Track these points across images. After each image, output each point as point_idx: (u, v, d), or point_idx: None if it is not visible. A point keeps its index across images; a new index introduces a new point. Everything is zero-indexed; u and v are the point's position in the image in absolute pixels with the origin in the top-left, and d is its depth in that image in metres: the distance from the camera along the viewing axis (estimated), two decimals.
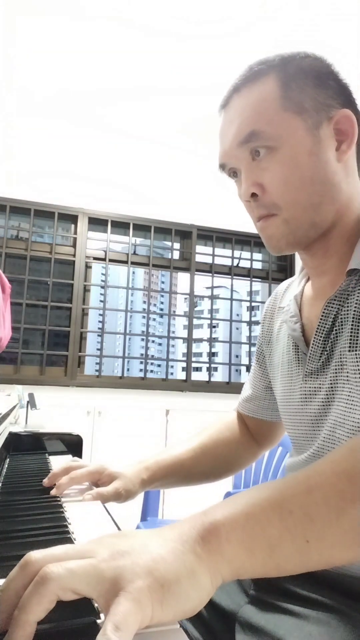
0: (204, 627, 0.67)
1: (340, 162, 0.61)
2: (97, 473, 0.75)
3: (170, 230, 3.57)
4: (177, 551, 0.34)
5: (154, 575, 0.32)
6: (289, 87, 0.60)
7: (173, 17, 2.04)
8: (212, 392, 3.44)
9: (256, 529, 0.36)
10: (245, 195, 0.63)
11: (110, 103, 2.64)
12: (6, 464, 1.00)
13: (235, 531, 0.36)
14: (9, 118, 2.78)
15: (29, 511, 0.65)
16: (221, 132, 0.65)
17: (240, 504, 0.38)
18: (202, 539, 0.35)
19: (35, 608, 0.30)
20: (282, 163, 0.60)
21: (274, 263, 3.86)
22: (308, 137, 0.59)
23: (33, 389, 2.63)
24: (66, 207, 3.29)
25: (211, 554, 0.34)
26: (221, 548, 0.35)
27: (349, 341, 0.58)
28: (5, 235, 3.19)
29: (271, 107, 0.59)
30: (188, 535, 0.35)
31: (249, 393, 0.88)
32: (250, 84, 0.62)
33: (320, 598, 0.55)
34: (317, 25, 2.03)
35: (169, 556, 0.33)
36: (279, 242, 0.63)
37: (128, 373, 3.46)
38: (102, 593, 0.31)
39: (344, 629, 0.50)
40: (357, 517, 0.36)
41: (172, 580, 0.32)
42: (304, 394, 0.66)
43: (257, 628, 0.57)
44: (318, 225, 0.62)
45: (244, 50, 2.08)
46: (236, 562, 0.35)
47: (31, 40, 2.21)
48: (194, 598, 0.33)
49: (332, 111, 0.60)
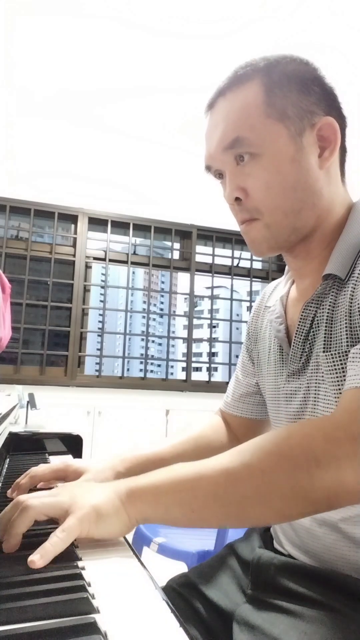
0: (202, 626, 0.67)
1: (322, 169, 0.62)
2: (61, 471, 0.74)
3: (170, 230, 3.58)
4: (111, 497, 0.53)
5: (93, 507, 0.51)
6: (273, 93, 0.60)
7: (173, 17, 2.04)
8: (212, 392, 3.45)
9: (158, 496, 0.53)
10: (229, 199, 0.64)
11: (110, 103, 2.64)
12: (6, 464, 1.00)
13: (146, 495, 0.53)
14: (9, 118, 2.78)
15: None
16: (207, 135, 0.66)
17: (156, 477, 0.54)
18: (126, 495, 0.53)
19: (21, 523, 0.50)
20: (264, 169, 0.61)
21: (274, 263, 3.87)
22: (290, 144, 0.60)
23: (33, 389, 2.64)
24: (66, 207, 3.30)
25: (130, 503, 0.53)
26: (136, 502, 0.53)
27: (324, 342, 0.60)
28: (5, 235, 3.20)
29: (255, 114, 0.60)
30: (119, 490, 0.53)
31: (238, 390, 0.88)
32: (235, 88, 0.62)
33: (316, 596, 0.56)
34: (317, 25, 2.03)
35: (104, 498, 0.52)
36: (260, 245, 0.65)
37: (128, 373, 3.47)
38: (61, 515, 0.51)
39: (340, 627, 0.50)
40: (228, 501, 0.51)
41: (104, 512, 0.51)
42: (287, 394, 0.68)
43: (254, 627, 0.57)
44: (299, 230, 0.63)
45: (244, 50, 2.08)
46: (144, 512, 0.53)
47: (31, 40, 2.21)
48: (116, 525, 0.52)
49: (315, 118, 0.61)
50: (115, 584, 0.44)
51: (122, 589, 0.43)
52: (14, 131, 2.89)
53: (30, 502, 0.51)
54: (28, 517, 0.50)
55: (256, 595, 0.63)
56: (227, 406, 0.90)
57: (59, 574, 0.43)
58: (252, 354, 0.84)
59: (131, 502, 0.52)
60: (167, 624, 0.37)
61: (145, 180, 3.30)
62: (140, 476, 0.55)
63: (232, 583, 0.70)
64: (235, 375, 0.90)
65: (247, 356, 0.86)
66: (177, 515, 0.53)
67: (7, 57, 2.34)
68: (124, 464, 0.75)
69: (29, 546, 0.48)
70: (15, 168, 3.14)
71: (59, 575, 0.43)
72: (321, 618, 0.52)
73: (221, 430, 0.88)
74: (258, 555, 0.67)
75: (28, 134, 2.90)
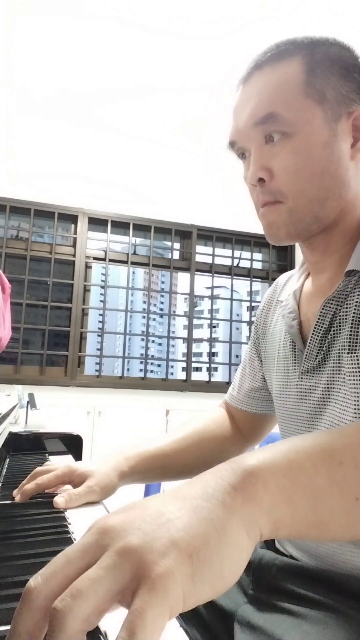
0: (203, 627, 0.67)
1: (354, 159, 0.60)
2: (66, 476, 0.71)
3: (170, 230, 3.57)
4: (202, 509, 0.28)
5: (177, 546, 0.26)
6: (314, 73, 0.58)
7: (173, 17, 2.04)
8: (212, 392, 3.44)
9: (300, 476, 0.31)
10: (252, 179, 0.61)
11: (110, 103, 2.64)
12: (6, 464, 1.00)
13: (275, 477, 0.31)
14: (9, 118, 2.78)
15: (29, 511, 0.65)
16: (236, 109, 0.62)
17: (281, 450, 0.33)
18: (233, 488, 0.29)
19: (68, 630, 0.24)
20: (294, 151, 0.58)
21: (274, 263, 3.86)
22: (325, 128, 0.58)
23: (33, 389, 2.63)
24: (66, 207, 3.30)
25: (245, 502, 0.29)
26: (258, 495, 0.29)
27: (348, 343, 0.57)
28: (5, 235, 3.20)
29: (293, 91, 0.57)
30: (214, 488, 0.30)
31: (245, 385, 0.86)
32: (275, 62, 0.59)
33: (318, 597, 0.55)
34: (317, 25, 2.03)
35: (191, 518, 0.27)
36: (279, 230, 0.61)
37: (128, 373, 3.46)
38: (126, 591, 0.25)
39: (342, 628, 0.50)
40: None
41: (200, 545, 0.26)
42: (300, 392, 0.66)
43: (255, 627, 0.57)
44: (321, 220, 0.60)
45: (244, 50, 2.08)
46: (275, 512, 0.30)
47: (31, 40, 2.21)
48: (230, 560, 0.27)
49: (352, 106, 0.59)
50: None
51: None
52: (14, 131, 2.89)
53: (59, 607, 0.24)
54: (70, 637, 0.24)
55: (258, 595, 0.63)
56: (233, 399, 0.88)
57: None
58: (260, 348, 0.82)
59: (247, 499, 0.30)
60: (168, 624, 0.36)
61: (145, 180, 3.30)
62: (242, 455, 0.34)
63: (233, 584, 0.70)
64: (242, 368, 0.88)
65: (254, 350, 0.84)
66: (334, 507, 0.32)
67: (7, 57, 2.34)
68: (128, 462, 0.73)
69: None
70: (15, 168, 3.14)
71: None
72: (323, 619, 0.52)
73: (224, 423, 0.87)
74: (260, 555, 0.67)
75: (28, 134, 2.90)
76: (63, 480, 0.71)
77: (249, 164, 0.62)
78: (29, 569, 0.44)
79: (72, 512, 0.66)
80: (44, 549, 0.50)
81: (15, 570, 0.44)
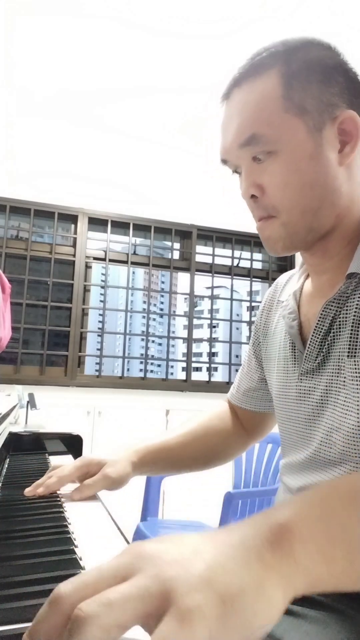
0: None
1: (343, 165, 0.59)
2: (85, 466, 0.74)
3: (170, 230, 3.57)
4: (240, 558, 0.28)
5: (213, 587, 0.25)
6: (291, 85, 0.57)
7: (173, 17, 2.04)
8: (212, 392, 3.44)
9: (333, 525, 0.31)
10: (245, 196, 0.63)
11: (110, 103, 2.64)
12: (6, 464, 1.00)
13: (310, 530, 0.30)
14: (9, 118, 2.78)
15: (29, 511, 0.65)
16: (222, 126, 0.63)
17: (311, 497, 0.33)
18: (270, 544, 0.29)
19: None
20: (282, 166, 0.58)
21: (274, 263, 3.86)
22: (309, 140, 0.58)
23: (33, 389, 2.63)
24: (66, 207, 3.30)
25: (283, 560, 0.28)
26: (294, 553, 0.29)
27: (348, 346, 0.57)
28: (5, 235, 3.20)
29: (272, 108, 0.57)
30: (252, 540, 0.29)
31: (242, 384, 0.88)
32: (252, 78, 0.59)
33: (318, 597, 0.55)
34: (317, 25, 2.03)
35: (229, 564, 0.27)
36: (275, 244, 0.62)
37: (128, 373, 3.46)
38: (151, 616, 0.25)
39: (341, 628, 0.50)
40: None
41: (236, 593, 0.26)
42: (299, 393, 0.66)
43: None
44: (316, 230, 0.61)
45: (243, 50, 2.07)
46: (313, 570, 0.29)
47: (31, 40, 2.21)
48: (262, 616, 0.26)
49: (336, 111, 0.58)
50: None
51: None
52: (14, 131, 2.89)
53: (85, 610, 0.25)
54: (94, 632, 0.25)
55: None
56: (233, 397, 0.90)
57: (59, 574, 0.43)
58: (259, 348, 0.83)
59: (285, 557, 0.29)
60: None
61: (145, 180, 3.30)
62: (275, 507, 0.34)
63: None
64: (242, 367, 0.91)
65: (253, 351, 0.85)
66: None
67: (7, 57, 2.34)
68: (137, 455, 0.77)
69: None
70: (15, 168, 3.14)
71: (59, 575, 0.43)
72: (323, 619, 0.52)
73: (228, 419, 0.89)
74: None
75: (28, 134, 2.90)
76: (82, 472, 0.74)
77: (241, 180, 0.63)
78: (29, 569, 0.44)
79: (72, 512, 0.66)
80: (44, 549, 0.50)
81: (15, 570, 0.44)
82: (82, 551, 0.51)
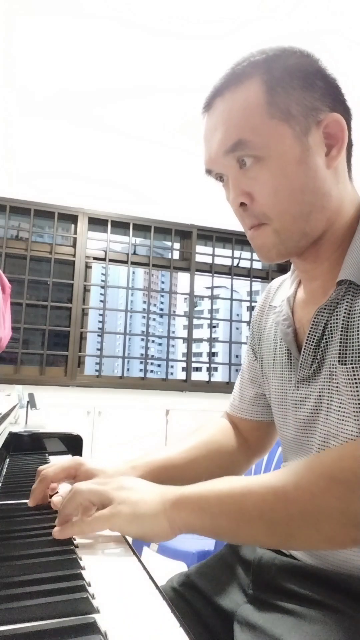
0: (203, 626, 0.67)
1: (330, 168, 0.59)
2: (72, 468, 0.71)
3: (170, 230, 3.57)
4: (154, 500, 0.54)
5: (131, 505, 0.53)
6: (275, 91, 0.57)
7: (173, 17, 2.04)
8: (212, 392, 3.44)
9: (204, 506, 0.53)
10: (233, 205, 0.62)
11: (110, 103, 2.63)
12: (6, 464, 1.00)
13: (192, 504, 0.54)
14: (9, 118, 2.78)
15: (29, 511, 0.65)
16: (205, 137, 0.63)
17: (204, 488, 0.55)
18: (171, 502, 0.54)
19: (69, 505, 0.55)
20: (270, 173, 0.58)
21: (274, 263, 3.87)
22: (296, 145, 0.57)
23: (33, 389, 2.63)
24: (66, 207, 3.30)
25: (174, 510, 0.53)
26: (181, 510, 0.53)
27: (339, 353, 0.57)
28: (5, 235, 3.20)
29: (257, 114, 0.57)
30: (166, 496, 0.54)
31: (247, 392, 0.84)
32: (234, 87, 0.59)
33: (318, 597, 0.55)
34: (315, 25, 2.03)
35: (148, 499, 0.54)
36: (269, 252, 0.62)
37: (128, 373, 3.47)
38: (103, 503, 0.54)
39: (342, 628, 0.50)
40: (275, 519, 0.50)
41: (141, 512, 0.52)
42: (296, 401, 0.65)
43: (255, 627, 0.57)
44: (309, 234, 0.61)
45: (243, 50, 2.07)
46: (189, 521, 0.53)
47: (31, 40, 2.21)
48: (151, 528, 0.52)
49: (320, 115, 0.58)
50: (116, 584, 0.44)
51: (122, 589, 0.43)
52: (14, 131, 2.89)
53: (78, 487, 0.56)
54: (74, 500, 0.54)
55: (257, 595, 0.63)
56: (235, 409, 0.85)
57: (59, 574, 0.43)
58: (257, 354, 0.81)
59: (176, 510, 0.53)
60: (167, 624, 0.37)
61: (145, 180, 3.30)
62: (188, 486, 0.55)
63: (233, 583, 0.70)
64: (241, 376, 0.86)
65: (253, 356, 0.83)
66: (222, 527, 0.53)
67: (7, 57, 2.34)
68: (136, 472, 0.71)
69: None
70: (15, 168, 3.14)
71: (59, 575, 0.43)
72: (323, 619, 0.52)
73: (230, 434, 0.84)
74: (259, 555, 0.67)
75: (28, 134, 2.90)
76: (69, 473, 0.71)
77: (228, 186, 0.62)
78: (29, 569, 0.45)
79: None
80: (44, 549, 0.50)
81: (15, 570, 0.44)
82: (82, 550, 0.51)
